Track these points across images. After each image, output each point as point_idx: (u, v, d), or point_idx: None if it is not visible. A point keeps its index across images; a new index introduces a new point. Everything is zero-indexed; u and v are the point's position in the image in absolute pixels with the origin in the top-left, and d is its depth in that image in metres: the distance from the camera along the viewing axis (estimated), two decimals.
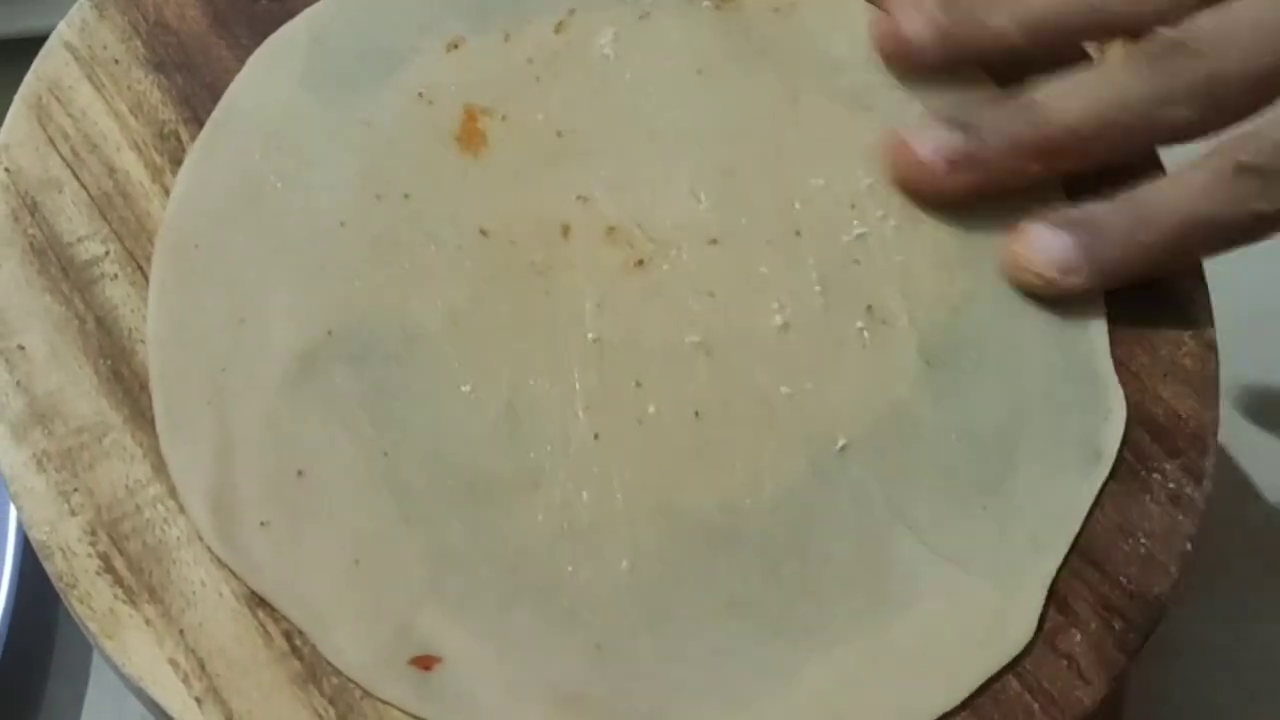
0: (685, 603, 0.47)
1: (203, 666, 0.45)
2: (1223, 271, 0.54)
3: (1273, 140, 0.48)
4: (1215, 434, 0.53)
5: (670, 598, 0.47)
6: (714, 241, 0.52)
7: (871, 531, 0.49)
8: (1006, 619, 0.48)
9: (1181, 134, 0.49)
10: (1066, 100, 0.49)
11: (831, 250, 0.52)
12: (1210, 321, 0.55)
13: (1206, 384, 0.53)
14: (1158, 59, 0.48)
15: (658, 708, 0.46)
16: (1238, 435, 0.64)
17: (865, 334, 0.52)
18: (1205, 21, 0.48)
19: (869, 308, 0.52)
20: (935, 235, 0.53)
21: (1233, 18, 0.48)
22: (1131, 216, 0.49)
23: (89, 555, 0.46)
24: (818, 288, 0.52)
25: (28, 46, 0.53)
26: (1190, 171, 0.49)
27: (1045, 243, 0.49)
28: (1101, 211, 0.50)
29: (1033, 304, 0.52)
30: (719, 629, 0.47)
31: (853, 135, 0.55)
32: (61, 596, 0.46)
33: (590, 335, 0.50)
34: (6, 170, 0.51)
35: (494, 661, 0.45)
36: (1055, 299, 0.51)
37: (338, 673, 0.45)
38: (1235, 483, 0.65)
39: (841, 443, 0.50)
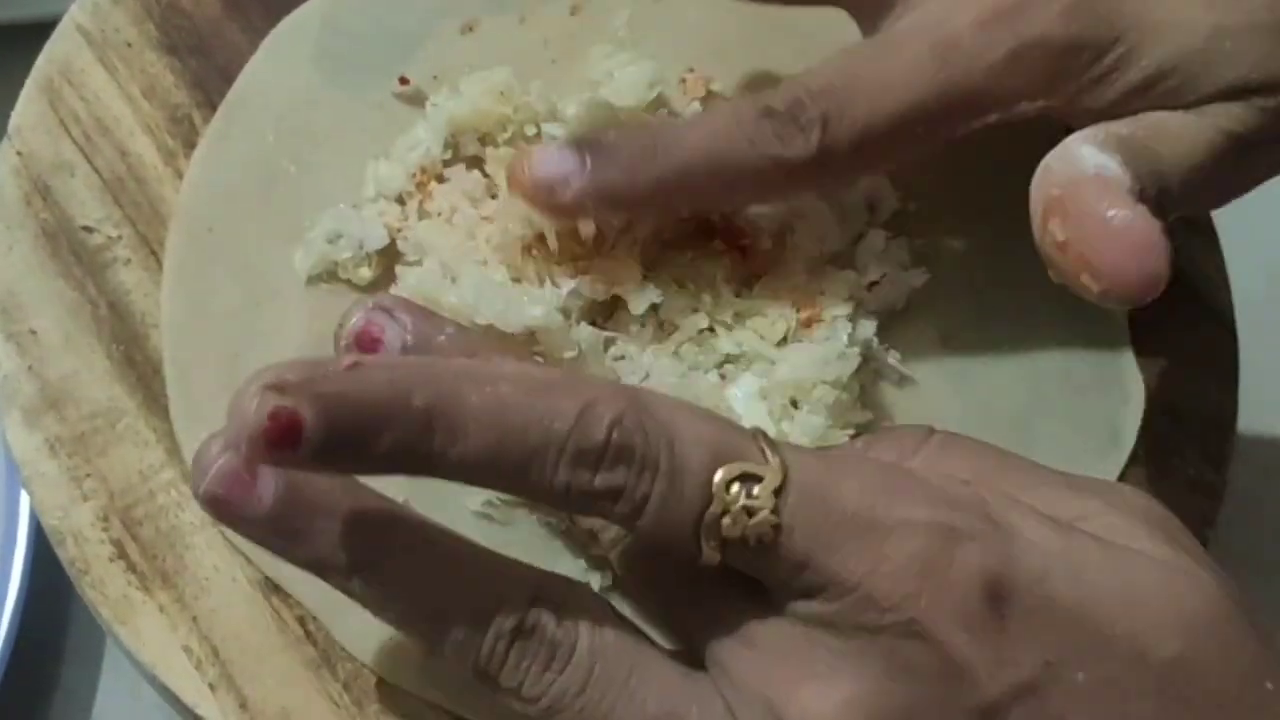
0: None
1: (216, 653, 0.45)
2: (1242, 255, 0.53)
3: (798, 90, 0.45)
4: (1235, 419, 0.53)
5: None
6: None
7: None
8: None
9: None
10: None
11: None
12: (1229, 306, 0.54)
13: (1226, 369, 0.53)
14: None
15: None
16: (1257, 420, 0.63)
17: None
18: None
19: None
20: (956, 218, 0.53)
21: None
22: (644, 144, 0.45)
23: (101, 541, 0.46)
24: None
25: (40, 30, 0.53)
26: (715, 110, 0.47)
27: (546, 156, 0.45)
28: (619, 135, 0.46)
29: (1053, 287, 0.52)
30: None
31: None
32: (74, 583, 0.46)
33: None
34: (18, 153, 0.51)
35: None
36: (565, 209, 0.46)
37: (351, 658, 0.45)
38: (1255, 468, 0.65)
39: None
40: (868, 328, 0.49)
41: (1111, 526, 0.40)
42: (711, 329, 0.48)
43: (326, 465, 0.37)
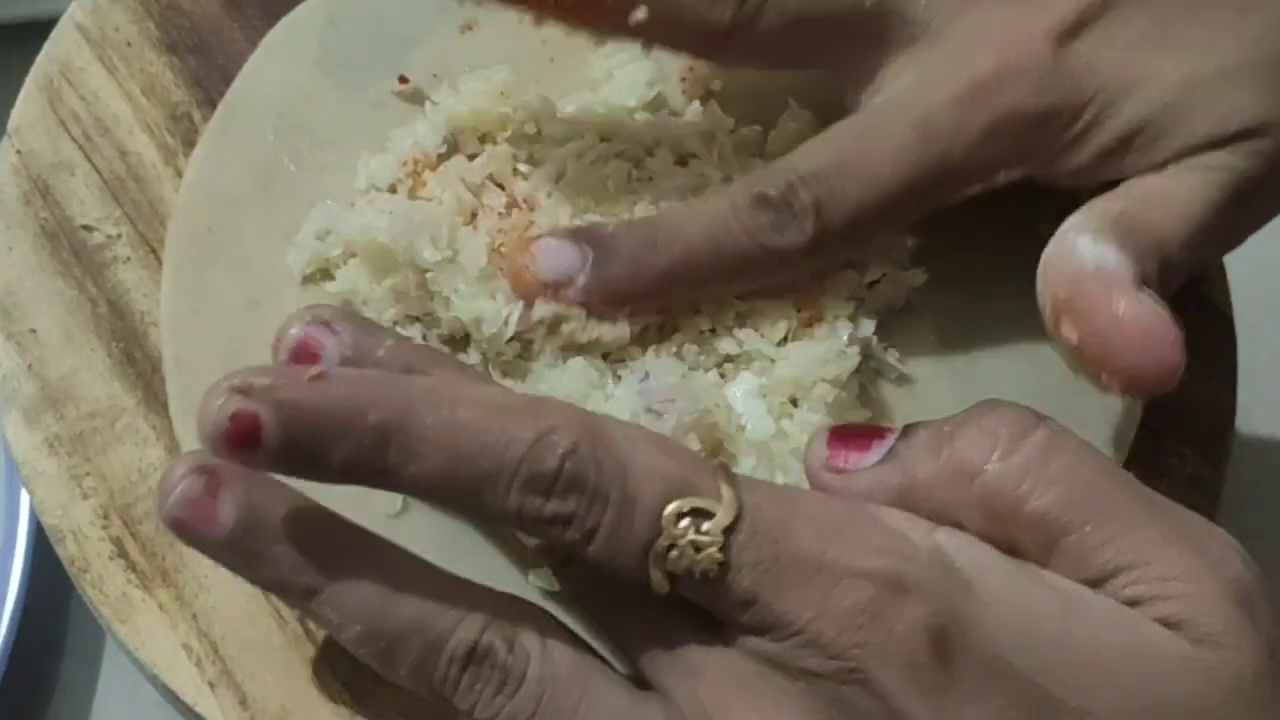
0: None
1: (216, 650, 0.45)
2: (1242, 255, 0.53)
3: (789, 174, 0.46)
4: (1233, 417, 0.53)
5: None
6: None
7: None
8: None
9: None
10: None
11: None
12: (1228, 305, 0.54)
13: (1226, 368, 0.53)
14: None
15: None
16: (1256, 420, 0.64)
17: None
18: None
19: None
20: (957, 218, 0.53)
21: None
22: (644, 238, 0.46)
23: (101, 539, 0.46)
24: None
25: (40, 29, 0.53)
26: (711, 198, 0.48)
27: (549, 251, 0.46)
28: (618, 229, 0.47)
29: None
30: None
31: None
32: (74, 581, 0.46)
33: None
34: (18, 153, 0.51)
35: None
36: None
37: (351, 656, 0.45)
38: (1254, 467, 0.65)
39: None
40: (867, 326, 0.49)
41: (1188, 597, 0.39)
42: (712, 330, 0.48)
43: (286, 470, 0.38)
